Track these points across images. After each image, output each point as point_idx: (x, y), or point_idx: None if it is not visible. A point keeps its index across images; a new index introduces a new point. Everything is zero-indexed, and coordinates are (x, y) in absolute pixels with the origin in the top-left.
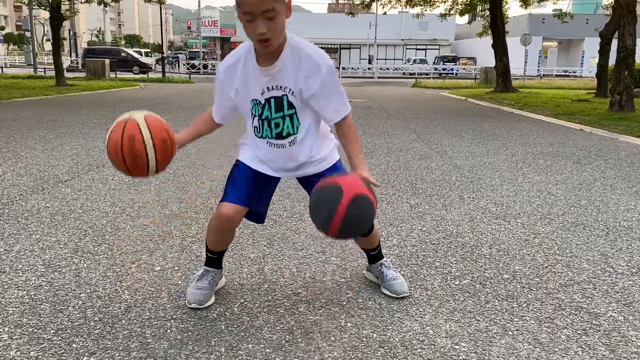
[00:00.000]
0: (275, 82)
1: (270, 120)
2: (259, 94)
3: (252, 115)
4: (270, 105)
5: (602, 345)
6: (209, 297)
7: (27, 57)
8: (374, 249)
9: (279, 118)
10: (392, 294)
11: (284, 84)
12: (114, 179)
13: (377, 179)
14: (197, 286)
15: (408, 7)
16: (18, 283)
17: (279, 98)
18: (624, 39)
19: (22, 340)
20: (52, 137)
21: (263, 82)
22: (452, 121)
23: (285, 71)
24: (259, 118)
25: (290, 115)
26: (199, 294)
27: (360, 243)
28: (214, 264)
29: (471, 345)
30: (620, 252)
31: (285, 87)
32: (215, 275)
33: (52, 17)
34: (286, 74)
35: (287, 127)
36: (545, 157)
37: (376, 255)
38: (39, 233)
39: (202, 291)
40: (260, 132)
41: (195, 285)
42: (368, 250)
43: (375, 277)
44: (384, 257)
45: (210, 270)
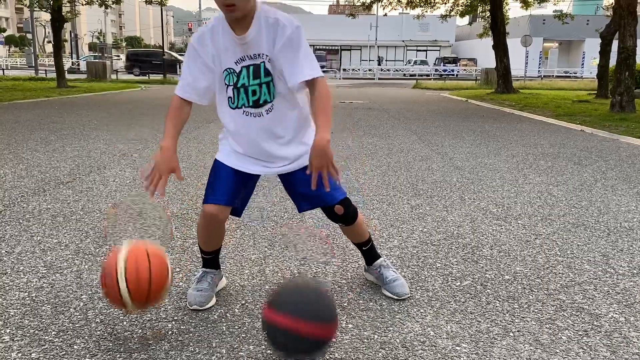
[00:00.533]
0: (251, 50)
1: (247, 88)
2: (232, 63)
3: (225, 86)
4: (248, 72)
5: (604, 347)
6: (209, 298)
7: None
8: (366, 243)
9: (256, 85)
10: (393, 296)
11: (259, 51)
12: (115, 181)
13: (377, 180)
14: (197, 288)
15: (409, 8)
16: (19, 284)
17: (257, 65)
18: (625, 40)
19: (23, 342)
20: (53, 138)
21: (238, 51)
22: (453, 122)
23: (259, 38)
24: (233, 87)
25: (267, 82)
26: (199, 296)
27: (349, 235)
28: (210, 265)
29: (472, 347)
30: (621, 253)
31: (262, 54)
32: (215, 276)
33: (53, 19)
34: (260, 41)
35: (264, 94)
36: (546, 158)
37: (370, 251)
38: (40, 235)
39: (203, 292)
40: (236, 102)
41: (195, 287)
42: (360, 245)
43: (375, 279)
44: (381, 256)
45: (208, 271)
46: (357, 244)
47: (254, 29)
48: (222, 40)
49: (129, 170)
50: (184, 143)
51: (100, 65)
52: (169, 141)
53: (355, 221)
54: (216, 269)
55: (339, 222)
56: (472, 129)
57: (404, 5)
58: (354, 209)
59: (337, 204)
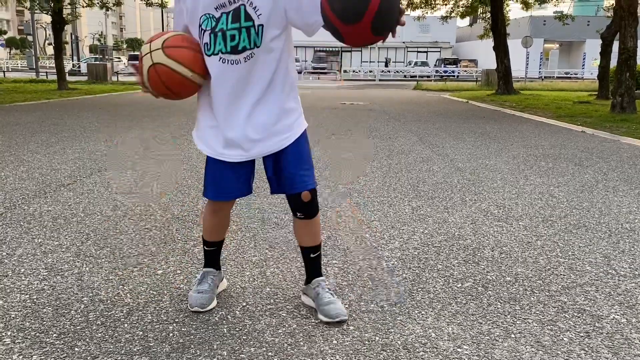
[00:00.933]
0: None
1: (226, 32)
2: (212, 8)
3: (201, 31)
4: (227, 17)
5: (605, 348)
6: (210, 300)
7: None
8: (316, 249)
9: (235, 30)
10: (328, 319)
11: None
12: None
13: (378, 182)
14: (197, 290)
15: (409, 9)
16: (20, 287)
17: (237, 9)
18: (625, 41)
19: (24, 344)
20: (54, 141)
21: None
22: (454, 123)
23: None
24: (210, 32)
25: (247, 27)
26: (201, 297)
27: (303, 234)
28: (211, 263)
29: (474, 348)
30: (622, 255)
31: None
32: (215, 277)
33: (54, 22)
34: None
35: (244, 39)
36: (547, 159)
37: (317, 260)
38: (41, 237)
39: (204, 294)
40: (212, 47)
41: (196, 289)
42: (309, 251)
43: (311, 301)
44: (323, 275)
45: (209, 271)
46: (307, 249)
47: None
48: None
49: (130, 172)
50: (184, 145)
51: (101, 67)
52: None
53: (317, 215)
54: (216, 269)
55: (300, 211)
56: (473, 130)
57: (404, 7)
58: (317, 202)
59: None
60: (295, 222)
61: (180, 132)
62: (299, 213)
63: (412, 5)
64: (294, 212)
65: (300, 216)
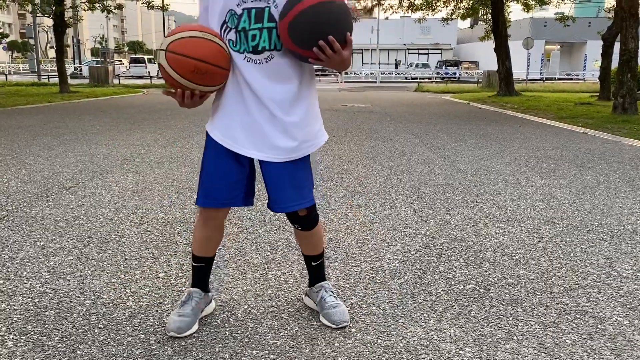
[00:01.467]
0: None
1: (247, 32)
2: (235, 5)
3: (227, 29)
4: (250, 15)
5: (608, 350)
6: (190, 325)
7: (31, 65)
8: (318, 257)
9: (257, 30)
10: (330, 324)
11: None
12: (117, 186)
13: (380, 184)
14: (178, 313)
15: (410, 11)
16: (23, 290)
17: (260, 9)
18: (627, 42)
19: (26, 348)
20: (55, 144)
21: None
22: (455, 125)
23: None
24: (235, 30)
25: (269, 28)
26: (179, 322)
27: (303, 243)
28: (198, 282)
29: (476, 351)
30: (625, 256)
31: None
32: (200, 299)
33: (55, 25)
34: None
35: (264, 40)
36: (548, 161)
37: (319, 268)
38: (43, 240)
39: (184, 318)
40: (238, 45)
41: (177, 312)
42: (309, 259)
43: (314, 304)
44: (327, 279)
45: (194, 292)
46: (309, 257)
47: None
48: None
49: (131, 175)
50: (186, 147)
51: (103, 70)
52: None
53: (315, 227)
54: (203, 290)
55: (296, 223)
56: (474, 132)
57: (405, 9)
58: (317, 215)
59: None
60: (295, 230)
61: (181, 134)
62: (296, 225)
63: (413, 7)
64: (292, 223)
65: (298, 227)
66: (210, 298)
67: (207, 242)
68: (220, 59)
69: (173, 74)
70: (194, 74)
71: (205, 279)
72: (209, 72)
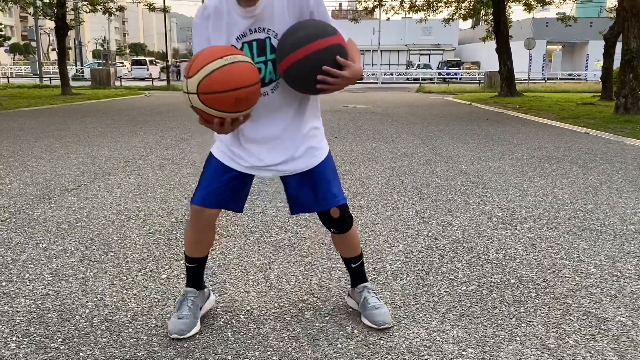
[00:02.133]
0: (258, 23)
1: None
2: (234, 39)
3: None
4: (251, 48)
5: (611, 351)
6: (191, 325)
7: (33, 67)
8: (357, 259)
9: (261, 63)
10: (372, 325)
11: (267, 25)
12: (119, 188)
13: (382, 185)
14: (177, 315)
15: (411, 12)
16: (25, 292)
17: (262, 41)
18: (629, 42)
19: (29, 349)
20: (58, 146)
21: (244, 25)
22: (457, 126)
23: (269, 11)
24: None
25: (273, 60)
26: (180, 323)
27: (341, 247)
28: (193, 282)
29: (479, 351)
30: (628, 256)
31: (269, 29)
32: (196, 298)
33: (57, 27)
34: (270, 14)
35: (270, 72)
36: (550, 161)
37: (360, 269)
38: (45, 242)
39: (183, 320)
40: None
41: (176, 315)
42: (349, 261)
43: (356, 304)
44: (369, 280)
45: (188, 292)
46: (348, 259)
47: (264, 0)
48: (225, 18)
49: (133, 176)
50: (188, 149)
51: (104, 73)
52: None
53: (350, 229)
54: (198, 288)
55: (332, 227)
56: (476, 133)
57: (406, 9)
58: (350, 216)
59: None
60: (332, 235)
61: (183, 136)
62: (332, 229)
63: (414, 8)
64: (327, 228)
65: (334, 231)
66: (208, 293)
67: (199, 242)
68: (253, 76)
69: (215, 112)
70: (237, 104)
71: (199, 278)
72: (249, 94)
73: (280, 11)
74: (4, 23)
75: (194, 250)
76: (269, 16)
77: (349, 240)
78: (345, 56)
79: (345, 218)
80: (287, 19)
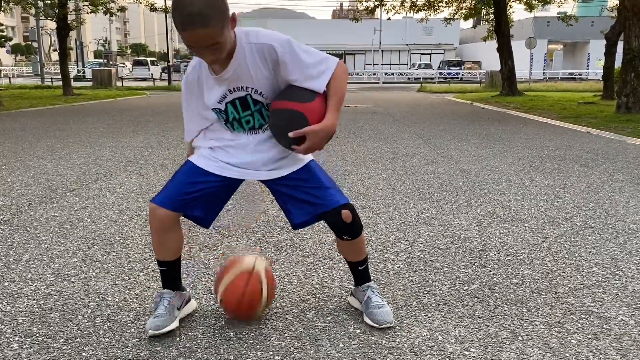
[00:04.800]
0: (234, 84)
1: (240, 119)
2: (217, 102)
3: (218, 120)
4: (235, 107)
5: (613, 350)
6: (166, 322)
7: (35, 68)
8: (362, 263)
9: (248, 116)
10: (374, 324)
11: (244, 84)
12: (121, 188)
13: (383, 184)
14: (154, 315)
15: (412, 12)
16: (27, 292)
17: (243, 98)
18: (630, 41)
19: (32, 350)
20: (59, 146)
21: (222, 89)
22: (458, 125)
23: (242, 71)
24: (225, 121)
25: (258, 110)
26: (156, 320)
27: (347, 252)
28: (167, 283)
29: (481, 351)
30: (630, 255)
31: (247, 86)
32: (172, 299)
33: (58, 28)
34: (244, 73)
35: (258, 119)
36: (552, 161)
37: (365, 271)
38: (47, 242)
39: (159, 318)
40: (233, 129)
41: (153, 315)
42: (356, 264)
43: (358, 303)
44: (372, 279)
45: (164, 293)
46: (355, 263)
47: (233, 64)
48: (205, 83)
49: (135, 176)
50: None
51: (106, 73)
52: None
53: (361, 234)
54: (173, 289)
55: (346, 233)
56: (477, 132)
57: (407, 9)
58: (359, 218)
59: (342, 207)
60: (338, 243)
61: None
62: (345, 236)
63: (416, 7)
64: (339, 236)
65: (347, 238)
66: (187, 297)
67: (161, 244)
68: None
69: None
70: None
71: (174, 279)
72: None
73: (255, 67)
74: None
75: (159, 252)
76: (245, 75)
77: (359, 246)
78: (302, 124)
79: (357, 220)
80: (264, 72)
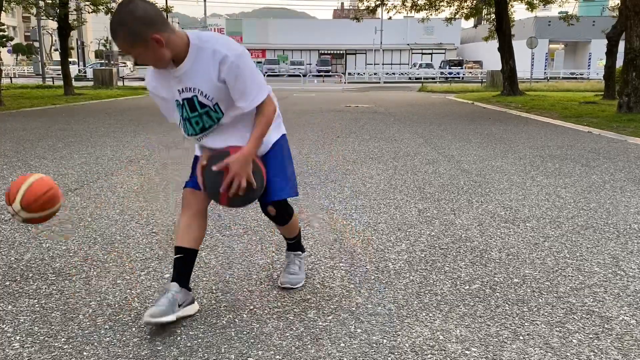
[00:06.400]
0: (184, 84)
1: (190, 119)
2: (178, 94)
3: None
4: (184, 106)
5: (615, 350)
6: (164, 313)
7: (36, 67)
8: (292, 239)
9: (196, 116)
10: (279, 284)
11: (191, 85)
12: (122, 187)
13: (384, 184)
14: (155, 304)
15: (413, 11)
16: (29, 291)
17: (190, 99)
18: (631, 41)
19: (33, 349)
20: (60, 146)
21: (175, 83)
22: (459, 125)
23: (191, 73)
24: (181, 118)
25: (205, 112)
26: (154, 308)
27: (280, 230)
28: (178, 276)
29: (482, 351)
30: (631, 255)
31: (194, 88)
32: (177, 292)
33: (59, 28)
34: (193, 75)
35: (207, 121)
36: (553, 160)
37: (294, 244)
38: (49, 241)
39: (159, 307)
40: (187, 131)
41: (153, 304)
42: (287, 238)
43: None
44: (304, 251)
45: (171, 286)
46: (285, 237)
47: (187, 62)
48: (164, 77)
49: (136, 176)
50: (191, 149)
51: (107, 73)
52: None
53: (288, 223)
54: (182, 285)
55: (273, 221)
56: (478, 132)
57: (408, 9)
58: (290, 211)
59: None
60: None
61: None
62: (274, 223)
63: (417, 7)
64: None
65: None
66: (191, 297)
67: (188, 230)
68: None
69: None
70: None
71: (185, 274)
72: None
73: (205, 71)
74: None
75: (182, 239)
76: (194, 75)
77: (288, 229)
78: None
79: (283, 214)
80: (213, 79)
